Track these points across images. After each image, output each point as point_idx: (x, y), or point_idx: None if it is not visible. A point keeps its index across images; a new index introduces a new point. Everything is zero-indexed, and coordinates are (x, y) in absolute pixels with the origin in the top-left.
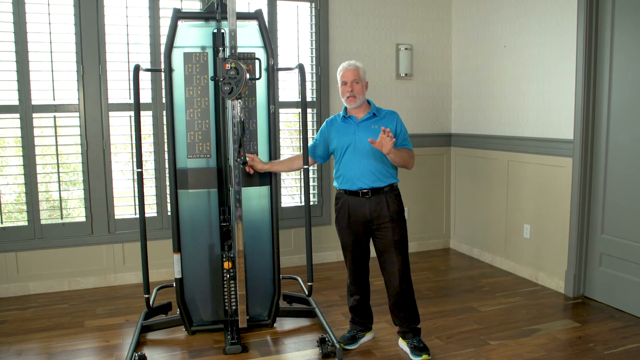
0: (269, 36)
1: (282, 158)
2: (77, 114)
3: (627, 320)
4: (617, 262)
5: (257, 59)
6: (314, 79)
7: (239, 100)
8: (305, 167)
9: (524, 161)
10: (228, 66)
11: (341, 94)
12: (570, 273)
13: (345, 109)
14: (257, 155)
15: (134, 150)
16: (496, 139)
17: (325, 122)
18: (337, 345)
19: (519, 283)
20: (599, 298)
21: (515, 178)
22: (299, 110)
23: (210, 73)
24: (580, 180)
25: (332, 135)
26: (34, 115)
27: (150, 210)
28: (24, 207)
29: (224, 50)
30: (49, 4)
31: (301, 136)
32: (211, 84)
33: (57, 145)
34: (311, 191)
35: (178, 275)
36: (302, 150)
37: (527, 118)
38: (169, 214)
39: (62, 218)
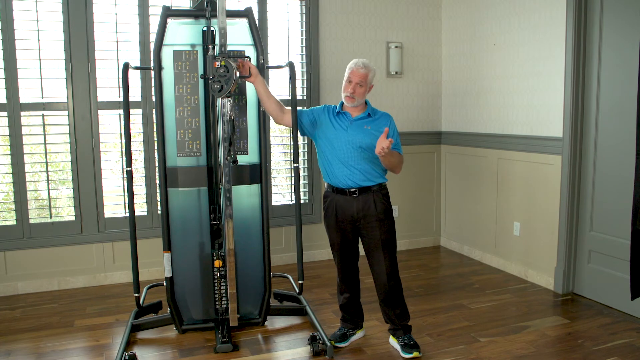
0: (259, 34)
1: (273, 154)
2: (66, 112)
3: (616, 317)
4: (606, 259)
5: (247, 57)
6: (304, 77)
7: (229, 99)
8: (296, 165)
9: (514, 159)
10: (218, 64)
11: (343, 89)
12: (560, 270)
13: (342, 104)
14: (247, 153)
15: (124, 149)
16: (486, 137)
17: (323, 105)
18: (328, 343)
19: (509, 280)
20: (588, 295)
21: (504, 176)
22: (289, 108)
23: (200, 71)
24: (569, 178)
25: (323, 122)
26: (22, 113)
27: (140, 209)
28: (12, 206)
29: (213, 48)
30: (36, 1)
31: (291, 134)
32: (201, 82)
33: (45, 143)
34: (302, 189)
35: (168, 274)
36: (292, 149)
37: (516, 116)
38: (159, 212)
39: (51, 217)
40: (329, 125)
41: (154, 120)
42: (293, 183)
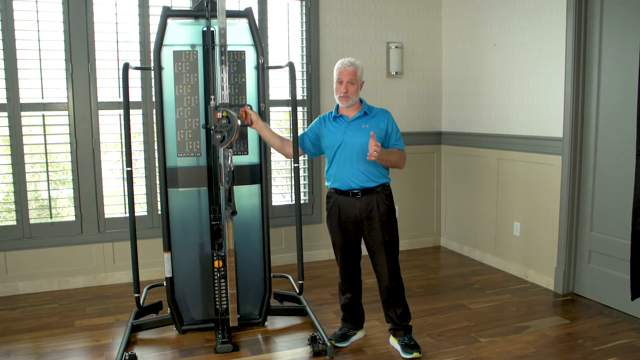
0: (259, 34)
1: (273, 154)
2: (66, 113)
3: (616, 317)
4: (606, 259)
5: (249, 105)
6: (305, 77)
7: (231, 149)
8: (296, 165)
9: (514, 159)
10: (219, 115)
11: (335, 91)
12: (560, 270)
13: (337, 107)
14: (247, 153)
15: (124, 149)
16: (486, 137)
17: (318, 118)
18: (328, 343)
19: (509, 280)
20: (588, 295)
21: (505, 176)
22: (289, 108)
23: (200, 71)
24: (569, 178)
25: (323, 133)
26: (23, 113)
27: (141, 209)
28: (13, 207)
29: (214, 98)
30: (37, 1)
31: (292, 135)
32: (201, 82)
33: (46, 144)
34: (302, 189)
35: (168, 274)
36: (292, 148)
37: (516, 116)
38: (159, 212)
39: (51, 217)
40: (328, 132)
41: (154, 121)
42: (293, 183)
